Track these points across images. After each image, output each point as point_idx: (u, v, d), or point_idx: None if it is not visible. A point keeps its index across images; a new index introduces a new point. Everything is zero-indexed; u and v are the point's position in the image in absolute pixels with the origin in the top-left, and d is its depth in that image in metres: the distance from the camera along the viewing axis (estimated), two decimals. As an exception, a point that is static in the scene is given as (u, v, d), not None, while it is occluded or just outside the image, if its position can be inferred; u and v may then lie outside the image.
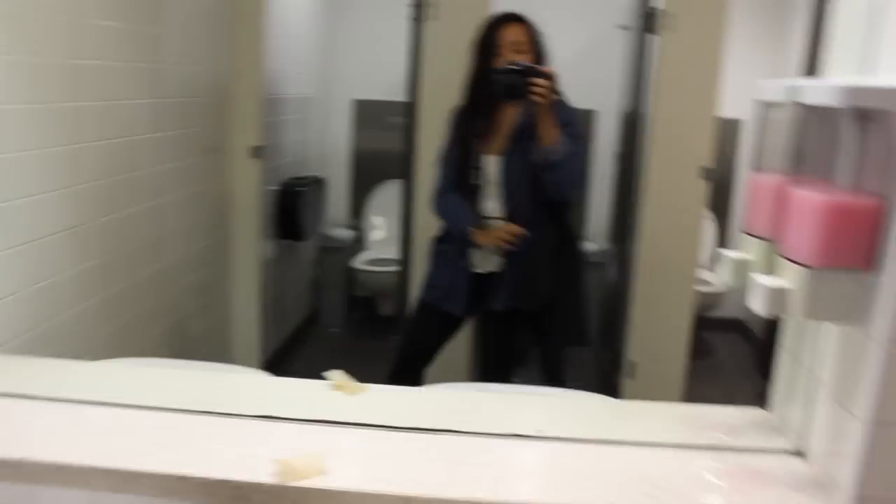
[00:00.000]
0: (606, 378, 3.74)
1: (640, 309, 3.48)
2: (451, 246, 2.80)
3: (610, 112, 4.77)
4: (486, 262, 2.76)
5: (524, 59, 2.54)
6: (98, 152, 2.42)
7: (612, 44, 4.64)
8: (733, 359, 4.83)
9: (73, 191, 2.30)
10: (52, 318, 2.22)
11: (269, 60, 3.61)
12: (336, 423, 1.43)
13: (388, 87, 4.89)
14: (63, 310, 2.27)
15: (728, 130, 4.74)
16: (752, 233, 1.31)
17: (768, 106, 1.27)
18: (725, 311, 4.89)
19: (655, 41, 3.26)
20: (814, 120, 1.15)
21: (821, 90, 1.08)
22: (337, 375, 1.60)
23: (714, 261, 4.74)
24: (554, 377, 2.95)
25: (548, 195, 2.65)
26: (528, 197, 2.66)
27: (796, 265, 1.12)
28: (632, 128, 3.49)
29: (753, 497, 1.26)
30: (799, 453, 1.40)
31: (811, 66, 3.21)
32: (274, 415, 1.44)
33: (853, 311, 1.12)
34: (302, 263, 4.85)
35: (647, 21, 3.29)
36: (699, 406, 1.62)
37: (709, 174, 3.29)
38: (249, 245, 3.61)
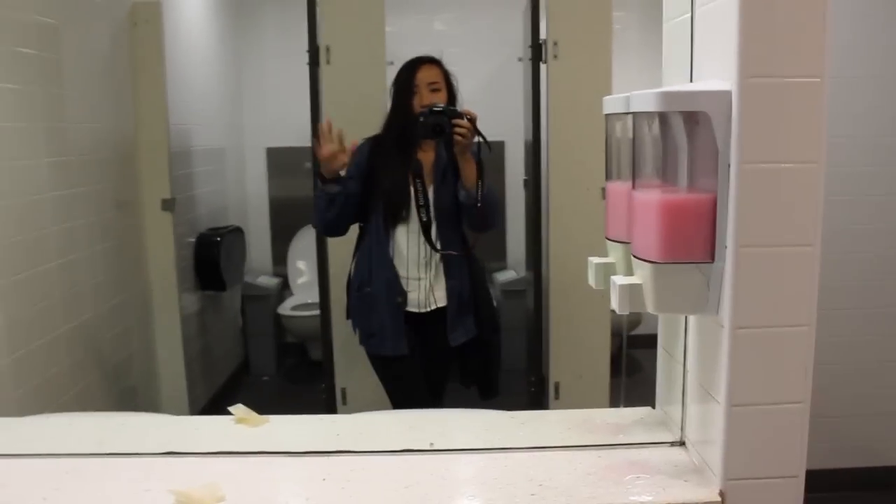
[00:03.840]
0: (534, 400, 3.81)
1: (557, 331, 3.57)
2: (374, 287, 2.85)
3: (517, 141, 4.89)
4: (425, 300, 2.86)
5: (439, 98, 2.73)
6: (2, 214, 2.43)
7: (514, 75, 4.79)
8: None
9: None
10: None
11: (174, 113, 3.65)
12: (236, 453, 1.46)
13: (298, 133, 4.97)
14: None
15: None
16: (612, 237, 1.40)
17: (613, 118, 1.36)
18: (651, 328, 4.97)
19: (545, 70, 3.39)
20: (651, 127, 1.24)
21: (645, 97, 1.17)
22: (239, 410, 1.64)
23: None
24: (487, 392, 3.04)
25: (475, 229, 2.82)
26: (455, 231, 2.85)
27: (644, 262, 1.21)
28: (534, 156, 3.60)
29: (633, 486, 1.33)
30: (681, 443, 1.47)
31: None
32: (176, 450, 1.47)
33: (701, 301, 1.21)
34: (227, 313, 4.85)
35: (536, 52, 3.41)
36: (591, 410, 1.69)
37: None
38: (168, 298, 3.62)
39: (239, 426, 1.61)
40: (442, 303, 2.87)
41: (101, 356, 3.13)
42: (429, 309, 2.86)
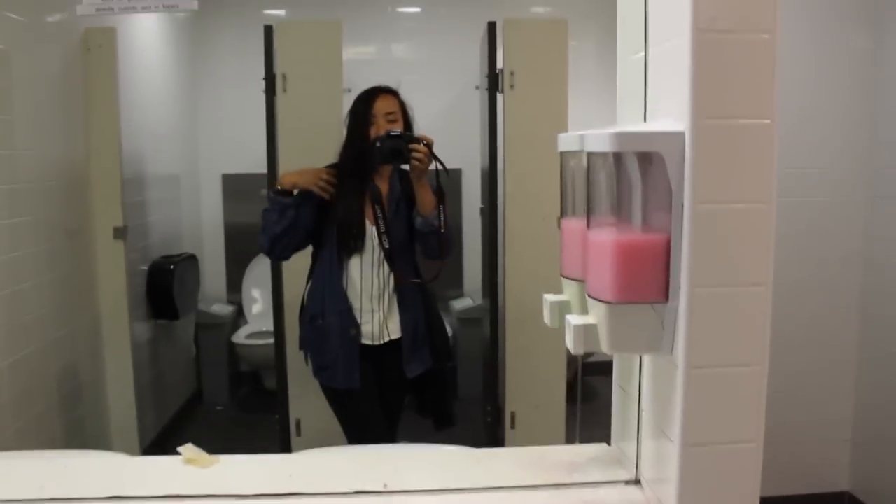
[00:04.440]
0: (490, 430, 3.79)
1: (513, 360, 3.56)
2: (327, 319, 2.81)
3: (474, 169, 4.91)
4: (379, 333, 2.83)
5: (396, 128, 2.72)
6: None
7: (472, 104, 4.81)
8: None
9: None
10: None
11: (128, 140, 3.60)
12: (184, 496, 1.43)
13: (254, 159, 4.93)
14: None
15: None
16: (567, 275, 1.39)
17: (568, 156, 1.36)
18: (607, 356, 4.98)
19: (502, 100, 3.41)
20: (605, 166, 1.24)
21: (600, 138, 1.17)
22: (188, 450, 1.60)
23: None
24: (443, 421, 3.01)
25: (431, 257, 2.81)
26: (409, 261, 2.85)
27: (599, 302, 1.20)
28: (490, 184, 3.61)
29: (588, 527, 1.32)
30: (636, 482, 1.46)
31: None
32: (121, 495, 1.43)
33: (655, 341, 1.20)
34: (180, 342, 4.78)
35: (493, 81, 3.43)
36: (546, 448, 1.67)
37: (566, 223, 3.41)
38: (119, 327, 3.55)
39: (188, 467, 1.57)
40: (396, 335, 2.84)
41: (47, 389, 3.05)
42: (383, 341, 2.83)
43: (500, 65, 3.44)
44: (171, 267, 4.26)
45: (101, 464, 1.73)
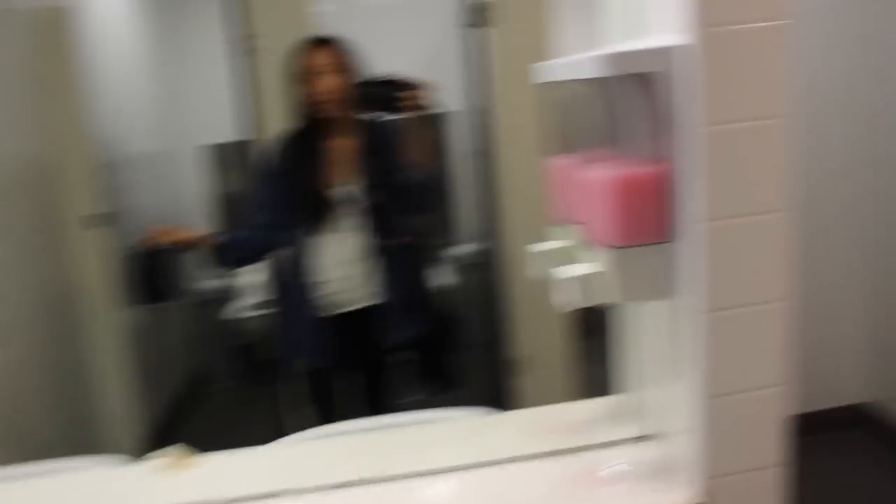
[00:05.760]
0: (496, 379, 3.69)
1: (520, 304, 3.44)
2: (289, 290, 2.54)
3: (460, 111, 4.74)
4: (351, 299, 2.53)
5: (336, 82, 2.40)
6: None
7: (453, 43, 4.63)
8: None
9: None
10: None
11: (100, 123, 3.43)
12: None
13: (233, 127, 4.76)
14: None
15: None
16: (557, 220, 1.25)
17: (551, 87, 1.21)
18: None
19: (486, 35, 3.25)
20: (598, 94, 1.10)
21: (590, 62, 1.02)
22: (168, 454, 1.48)
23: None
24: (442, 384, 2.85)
25: (418, 212, 2.57)
26: (394, 220, 2.50)
27: (603, 248, 1.06)
28: (481, 124, 3.47)
29: (607, 498, 1.21)
30: (648, 437, 1.34)
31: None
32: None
33: (666, 285, 1.07)
34: (176, 324, 4.65)
35: (477, 15, 3.28)
36: (553, 407, 1.56)
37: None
38: (107, 318, 3.41)
39: (169, 471, 1.45)
40: (374, 300, 2.53)
41: (31, 394, 2.91)
42: (358, 307, 2.54)
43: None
44: (159, 249, 4.11)
45: (87, 476, 1.60)
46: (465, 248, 5.02)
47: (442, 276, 4.41)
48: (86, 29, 3.52)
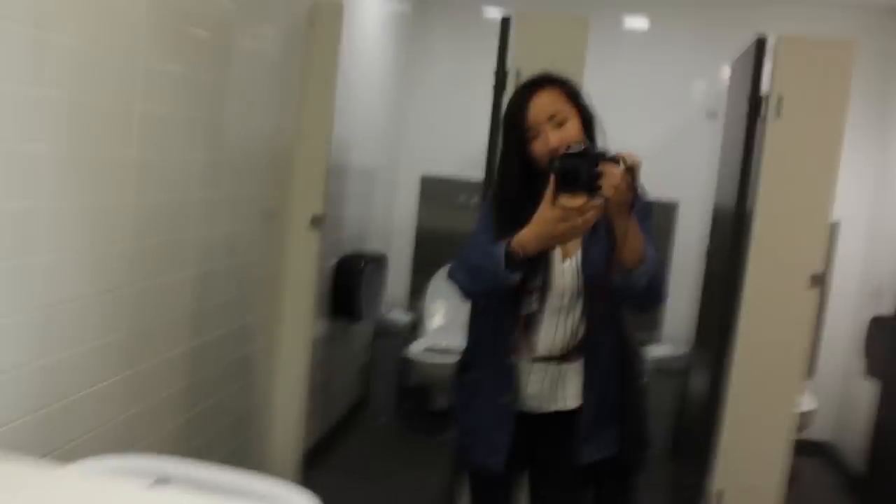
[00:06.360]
0: None
1: (731, 428, 3.07)
2: (485, 372, 2.08)
3: (693, 204, 4.46)
4: (552, 396, 2.05)
5: (565, 134, 1.90)
6: (140, 211, 2.14)
7: (697, 132, 4.40)
8: (820, 490, 4.32)
9: (106, 252, 2.01)
10: (65, 396, 1.90)
11: (336, 126, 3.35)
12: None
13: (461, 164, 4.63)
14: (79, 387, 1.96)
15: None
16: None
17: None
18: (813, 433, 4.43)
19: (762, 130, 2.94)
20: None
21: None
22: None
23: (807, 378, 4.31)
24: None
25: (639, 310, 2.04)
26: (603, 311, 2.00)
27: None
28: (728, 224, 3.14)
29: None
30: None
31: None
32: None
33: None
34: (354, 346, 4.52)
35: (755, 106, 2.97)
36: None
37: (819, 282, 2.92)
38: (301, 322, 3.28)
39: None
40: (573, 403, 2.04)
41: (219, 381, 2.81)
42: (550, 410, 2.06)
43: (763, 88, 2.98)
44: (363, 264, 4.00)
45: None
46: (663, 349, 4.66)
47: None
48: (348, 31, 3.46)
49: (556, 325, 2.00)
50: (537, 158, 1.92)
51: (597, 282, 1.93)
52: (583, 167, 1.71)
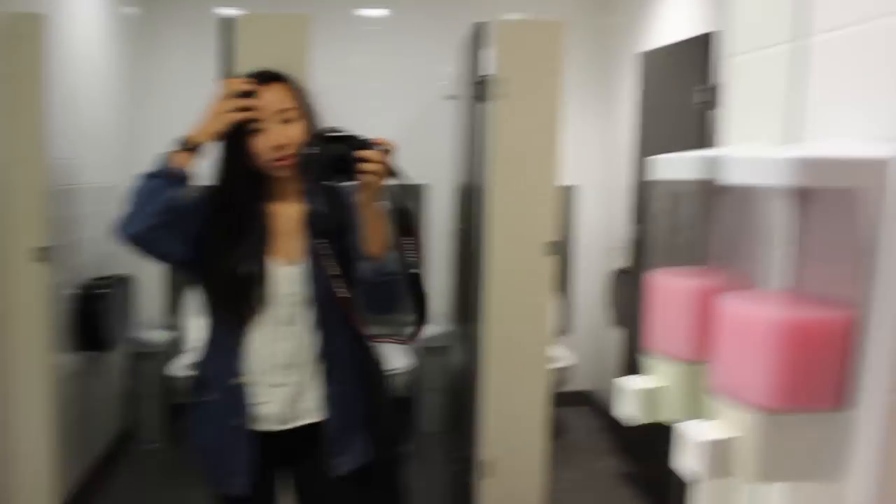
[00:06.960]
0: (459, 479, 3.40)
1: (490, 397, 3.17)
2: (214, 393, 1.95)
3: (441, 185, 4.55)
4: (292, 412, 1.94)
5: (293, 132, 1.85)
6: None
7: (439, 116, 4.47)
8: (588, 436, 4.59)
9: None
10: None
11: (56, 147, 3.11)
12: None
13: (202, 169, 4.46)
14: None
15: (563, 197, 4.60)
16: (663, 351, 1.00)
17: (668, 185, 0.97)
18: (578, 385, 4.71)
19: (487, 110, 3.03)
20: (733, 203, 0.86)
21: (765, 165, 0.77)
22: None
23: (561, 336, 4.53)
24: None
25: (377, 311, 1.92)
26: (337, 318, 1.90)
27: (744, 408, 0.81)
28: (468, 202, 3.23)
29: None
30: None
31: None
32: None
33: (823, 465, 0.82)
34: (110, 375, 4.26)
35: (477, 89, 3.05)
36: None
37: (553, 249, 3.06)
38: (37, 363, 3.04)
39: None
40: (315, 417, 1.94)
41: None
42: (294, 426, 1.95)
43: (485, 71, 3.07)
44: (103, 291, 3.77)
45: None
46: (429, 329, 4.74)
47: (401, 359, 4.12)
48: (60, 44, 3.23)
49: (285, 338, 1.91)
50: (259, 154, 1.86)
51: (333, 286, 1.86)
52: (344, 151, 1.71)
